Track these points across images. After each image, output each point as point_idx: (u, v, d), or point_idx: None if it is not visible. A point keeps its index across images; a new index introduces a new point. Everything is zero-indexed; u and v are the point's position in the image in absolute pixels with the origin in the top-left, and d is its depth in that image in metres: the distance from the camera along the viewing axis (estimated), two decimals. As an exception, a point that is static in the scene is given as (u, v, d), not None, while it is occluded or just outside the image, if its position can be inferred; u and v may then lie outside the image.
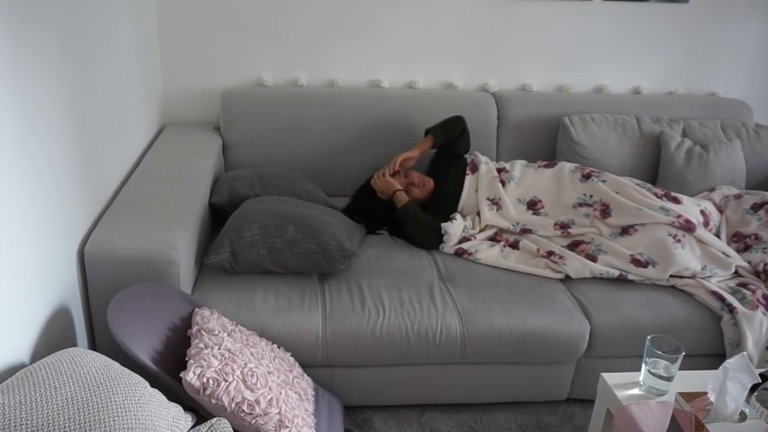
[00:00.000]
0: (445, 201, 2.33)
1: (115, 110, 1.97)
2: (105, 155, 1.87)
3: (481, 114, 2.56)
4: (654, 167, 2.54)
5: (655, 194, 2.21)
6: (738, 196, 2.33)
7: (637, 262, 2.05)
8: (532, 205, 2.28)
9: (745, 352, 1.35)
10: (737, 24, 2.82)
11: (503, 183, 2.31)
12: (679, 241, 2.06)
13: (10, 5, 1.26)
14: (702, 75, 2.90)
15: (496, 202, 2.28)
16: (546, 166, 2.37)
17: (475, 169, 2.36)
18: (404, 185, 2.33)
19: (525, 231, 2.23)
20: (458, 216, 2.23)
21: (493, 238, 2.25)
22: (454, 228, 2.17)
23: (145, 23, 2.35)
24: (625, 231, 2.14)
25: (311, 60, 2.62)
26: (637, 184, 2.26)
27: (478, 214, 2.30)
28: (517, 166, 2.38)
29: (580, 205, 2.24)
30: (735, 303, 1.93)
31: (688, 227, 2.08)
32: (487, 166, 2.36)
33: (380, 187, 2.31)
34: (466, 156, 2.44)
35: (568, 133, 2.53)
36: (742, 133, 2.62)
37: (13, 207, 1.29)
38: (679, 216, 2.10)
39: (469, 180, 2.34)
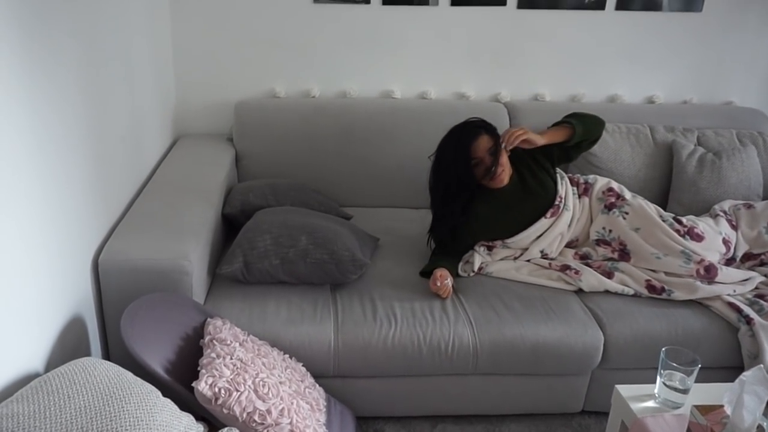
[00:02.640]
0: (502, 223, 2.12)
1: (130, 122, 2.00)
2: (119, 167, 1.90)
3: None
4: (667, 177, 2.52)
5: (678, 231, 2.08)
6: (748, 206, 2.27)
7: (651, 288, 2.01)
8: (569, 244, 2.21)
9: (762, 365, 1.33)
10: (752, 32, 2.79)
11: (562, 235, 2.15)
12: (701, 280, 2.02)
13: (27, 23, 1.29)
14: (717, 84, 2.87)
15: (547, 253, 2.17)
16: (584, 192, 2.21)
17: (556, 213, 2.12)
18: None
19: (544, 257, 2.17)
20: (478, 256, 2.12)
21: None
22: (476, 261, 2.11)
23: (159, 36, 2.38)
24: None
25: (324, 71, 2.63)
26: (661, 216, 2.14)
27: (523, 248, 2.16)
28: (571, 199, 2.16)
29: (598, 242, 2.15)
30: (752, 314, 1.91)
31: (709, 276, 2.01)
32: (567, 214, 2.13)
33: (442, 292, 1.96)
34: (560, 188, 2.14)
35: (581, 144, 2.52)
36: (759, 143, 2.57)
37: (33, 218, 1.31)
38: (701, 261, 2.02)
39: (543, 224, 2.11)
